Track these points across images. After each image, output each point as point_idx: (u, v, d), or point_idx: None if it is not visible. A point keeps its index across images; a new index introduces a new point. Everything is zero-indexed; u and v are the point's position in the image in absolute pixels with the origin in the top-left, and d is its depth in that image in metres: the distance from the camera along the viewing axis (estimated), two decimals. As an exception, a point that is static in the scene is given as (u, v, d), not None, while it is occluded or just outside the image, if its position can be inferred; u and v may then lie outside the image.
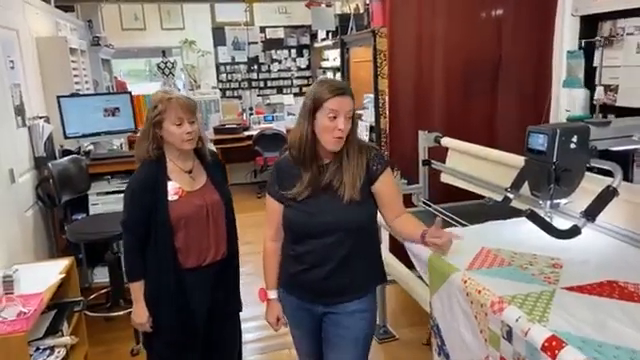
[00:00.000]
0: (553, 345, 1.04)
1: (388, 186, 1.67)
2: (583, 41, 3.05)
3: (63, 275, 2.47)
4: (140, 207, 1.83)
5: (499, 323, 1.22)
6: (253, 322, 3.18)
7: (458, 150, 2.67)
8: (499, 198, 2.40)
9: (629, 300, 1.23)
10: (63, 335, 2.40)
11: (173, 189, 1.85)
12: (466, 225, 2.10)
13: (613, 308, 1.20)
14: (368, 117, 4.77)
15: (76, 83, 3.89)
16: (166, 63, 8.49)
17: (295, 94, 9.07)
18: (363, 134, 6.05)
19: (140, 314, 1.88)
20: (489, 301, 1.26)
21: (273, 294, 1.78)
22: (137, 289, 1.88)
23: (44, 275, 2.45)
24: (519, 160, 2.22)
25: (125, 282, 3.20)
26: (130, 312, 2.99)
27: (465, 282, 1.37)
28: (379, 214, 1.72)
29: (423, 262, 1.66)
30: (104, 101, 3.66)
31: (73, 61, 3.89)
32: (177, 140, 1.82)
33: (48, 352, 2.28)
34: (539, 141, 1.60)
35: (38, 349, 2.27)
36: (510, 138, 3.27)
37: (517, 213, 2.04)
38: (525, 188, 1.86)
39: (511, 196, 1.91)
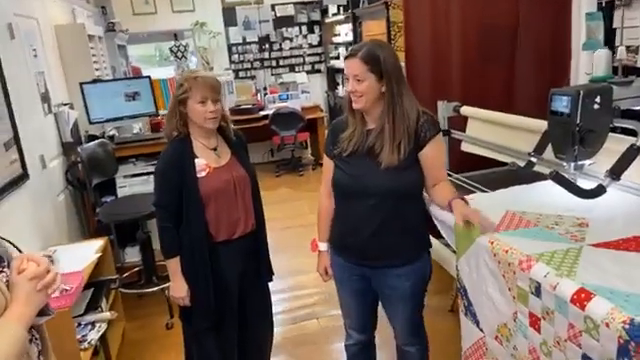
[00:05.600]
0: (582, 297, 1.08)
1: (434, 153, 1.70)
2: (603, 1, 3.01)
3: (100, 254, 2.57)
4: (170, 185, 1.89)
5: (527, 280, 1.26)
6: (282, 294, 3.29)
7: (478, 118, 2.68)
8: (522, 163, 2.43)
9: (656, 254, 1.26)
10: (103, 311, 2.52)
11: (200, 166, 1.91)
12: (487, 192, 2.13)
13: (640, 261, 1.23)
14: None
15: (96, 70, 3.96)
16: (178, 46, 8.51)
17: (308, 72, 9.04)
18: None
19: (179, 288, 1.96)
20: (517, 260, 1.30)
21: (323, 246, 1.93)
22: (174, 265, 1.95)
23: (81, 255, 2.56)
24: (540, 124, 2.24)
25: (157, 260, 3.33)
26: (162, 288, 3.16)
27: (492, 243, 1.41)
28: None
29: (448, 227, 1.70)
30: (125, 86, 3.73)
31: (92, 48, 3.94)
32: (200, 118, 1.88)
33: (90, 327, 2.39)
34: (562, 103, 1.62)
35: (80, 324, 2.39)
36: (529, 103, 3.25)
37: (541, 177, 2.07)
38: (548, 151, 1.89)
39: (534, 160, 1.95)
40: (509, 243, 1.38)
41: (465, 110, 2.75)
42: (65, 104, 3.41)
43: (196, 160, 1.91)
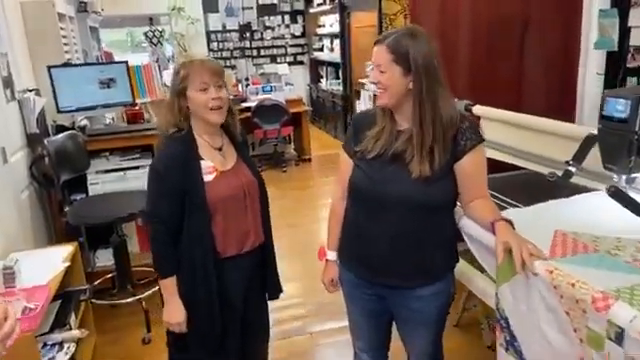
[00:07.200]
0: (692, 354, 0.87)
1: (474, 167, 1.47)
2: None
3: (68, 264, 2.26)
4: (170, 191, 1.59)
5: (604, 323, 1.05)
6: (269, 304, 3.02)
7: (493, 119, 2.46)
8: (540, 169, 2.23)
9: None
10: (71, 328, 2.22)
11: (207, 168, 1.62)
12: (517, 205, 1.91)
13: None
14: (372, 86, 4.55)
15: (66, 52, 3.58)
16: (154, 32, 8.10)
17: (290, 63, 8.76)
18: (367, 106, 5.83)
19: (176, 313, 1.65)
20: (589, 296, 1.08)
21: (332, 255, 1.72)
22: (170, 285, 1.65)
23: (47, 263, 2.24)
24: (571, 129, 2.05)
25: (132, 265, 3.02)
26: (139, 298, 2.86)
27: (551, 273, 1.19)
28: None
29: (483, 247, 1.48)
30: (98, 72, 3.37)
31: (62, 28, 3.57)
32: (203, 109, 1.59)
33: (57, 348, 2.10)
34: (619, 107, 1.41)
35: (46, 345, 2.09)
36: (538, 102, 3.09)
37: (565, 188, 1.87)
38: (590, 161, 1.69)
39: (573, 170, 1.75)
40: (572, 274, 1.16)
41: (479, 110, 2.53)
42: (31, 90, 3.05)
43: (202, 162, 1.62)
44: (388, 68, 1.43)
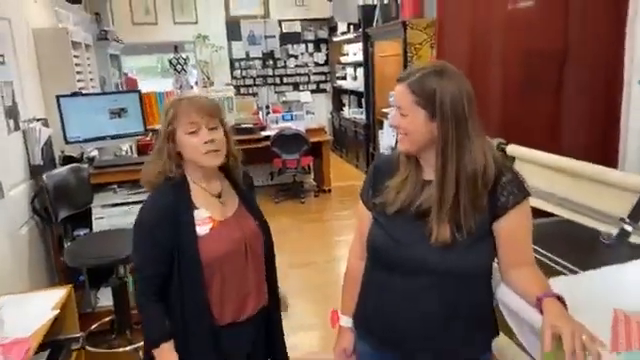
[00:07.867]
0: None
1: (517, 227, 1.23)
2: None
3: (57, 311, 2.07)
4: (159, 249, 1.37)
5: None
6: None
7: (530, 161, 2.21)
8: (584, 221, 1.97)
9: None
10: (57, 384, 2.01)
11: (202, 219, 1.40)
12: (555, 259, 1.66)
13: None
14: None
15: (79, 81, 3.50)
16: (178, 59, 8.13)
17: (312, 91, 8.67)
18: (390, 136, 5.61)
19: None
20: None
21: (346, 321, 1.47)
22: (168, 350, 1.40)
23: (35, 310, 2.05)
24: (616, 177, 1.79)
25: (132, 308, 2.82)
26: (137, 347, 2.65)
27: (617, 375, 0.93)
28: None
29: (526, 324, 1.22)
30: (110, 101, 3.26)
31: (76, 56, 3.49)
32: (195, 153, 1.38)
33: (39, 408, 1.88)
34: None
35: (26, 404, 1.87)
36: (578, 141, 2.84)
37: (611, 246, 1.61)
38: None
39: (629, 229, 1.49)
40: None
41: (514, 150, 2.29)
42: (38, 119, 2.94)
43: (195, 212, 1.41)
44: (410, 111, 1.21)
